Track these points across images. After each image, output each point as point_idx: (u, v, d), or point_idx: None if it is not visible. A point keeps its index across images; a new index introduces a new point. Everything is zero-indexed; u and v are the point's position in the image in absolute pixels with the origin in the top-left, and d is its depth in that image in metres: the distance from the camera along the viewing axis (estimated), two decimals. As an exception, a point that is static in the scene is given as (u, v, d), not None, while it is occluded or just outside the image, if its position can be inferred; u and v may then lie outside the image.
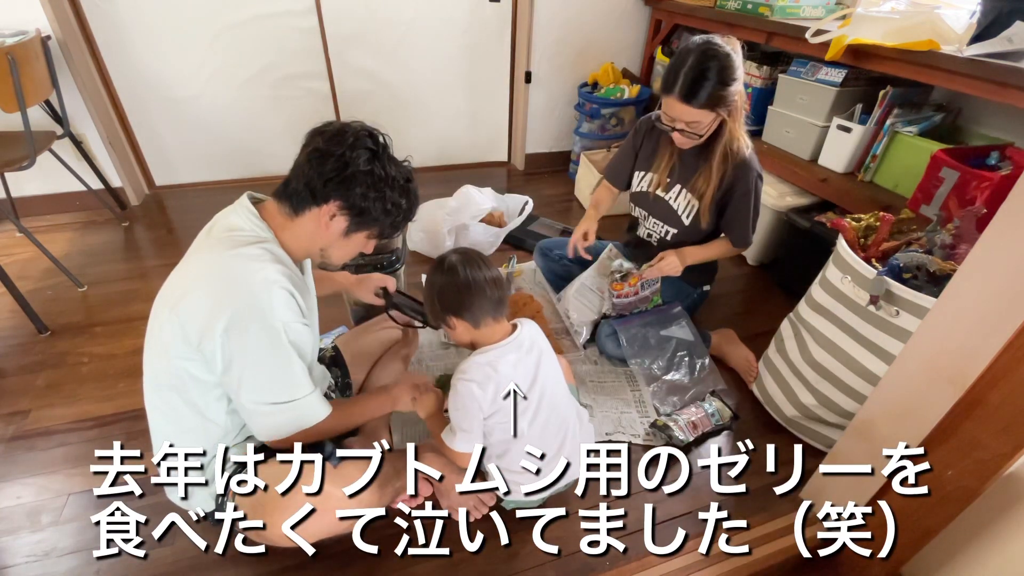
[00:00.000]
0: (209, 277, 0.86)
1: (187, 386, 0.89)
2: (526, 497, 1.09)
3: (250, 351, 0.85)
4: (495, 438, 1.02)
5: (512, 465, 1.03)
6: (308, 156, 0.89)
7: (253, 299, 0.84)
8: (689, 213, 1.46)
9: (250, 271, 0.85)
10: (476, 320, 0.97)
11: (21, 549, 1.06)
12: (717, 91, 1.22)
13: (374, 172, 0.89)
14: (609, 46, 2.65)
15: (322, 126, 0.92)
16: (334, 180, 0.87)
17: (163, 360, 0.89)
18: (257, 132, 2.49)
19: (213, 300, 0.84)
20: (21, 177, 2.07)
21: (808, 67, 1.84)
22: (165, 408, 0.94)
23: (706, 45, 1.22)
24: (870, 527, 1.04)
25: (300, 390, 0.91)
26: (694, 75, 1.21)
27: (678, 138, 1.34)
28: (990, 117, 1.65)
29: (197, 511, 0.98)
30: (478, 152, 2.92)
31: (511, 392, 0.96)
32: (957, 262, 1.01)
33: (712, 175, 1.36)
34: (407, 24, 2.41)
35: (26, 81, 1.64)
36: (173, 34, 2.18)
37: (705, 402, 1.40)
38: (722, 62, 1.20)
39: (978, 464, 0.83)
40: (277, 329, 0.86)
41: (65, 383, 1.45)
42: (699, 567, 1.07)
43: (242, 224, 0.91)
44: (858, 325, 1.13)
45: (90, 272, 1.91)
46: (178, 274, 0.92)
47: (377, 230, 0.96)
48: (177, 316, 0.85)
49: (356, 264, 1.62)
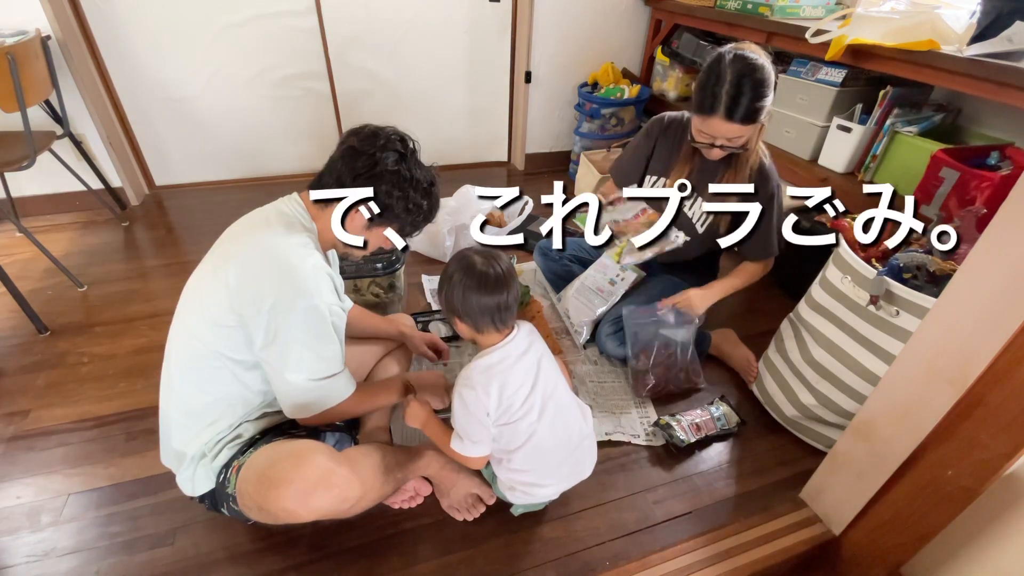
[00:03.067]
0: (263, 256, 0.92)
1: (233, 355, 0.94)
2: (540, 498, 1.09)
3: (297, 329, 0.91)
4: (505, 442, 1.02)
5: (524, 465, 1.03)
6: (342, 153, 0.97)
7: (303, 282, 0.91)
8: (704, 222, 1.44)
9: (301, 256, 0.92)
10: (477, 326, 0.98)
11: (21, 549, 1.06)
12: (758, 104, 1.21)
13: (400, 173, 0.96)
14: (609, 46, 2.65)
15: (358, 127, 0.99)
16: (362, 176, 0.94)
17: (211, 327, 0.92)
18: (257, 132, 2.49)
19: (266, 277, 0.90)
20: (21, 177, 2.07)
21: (808, 67, 1.84)
22: (201, 378, 0.95)
23: (741, 61, 1.20)
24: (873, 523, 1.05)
25: (336, 366, 0.98)
26: (736, 92, 1.19)
27: (717, 153, 1.32)
28: (990, 117, 1.65)
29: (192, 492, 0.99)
30: (478, 152, 2.92)
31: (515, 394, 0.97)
32: (957, 262, 1.01)
33: (740, 182, 1.33)
34: (407, 24, 2.41)
35: (26, 81, 1.64)
36: (173, 34, 2.18)
37: (713, 406, 1.39)
38: (760, 75, 1.19)
39: (978, 464, 0.83)
40: (323, 311, 0.93)
41: (65, 383, 1.45)
42: (699, 567, 1.07)
43: (291, 213, 0.99)
44: (858, 325, 1.13)
45: (90, 272, 1.91)
46: (227, 248, 0.96)
47: (397, 227, 1.01)
48: (227, 287, 0.90)
49: (356, 263, 1.63)
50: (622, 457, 1.29)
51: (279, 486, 0.86)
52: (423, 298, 1.85)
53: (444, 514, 1.14)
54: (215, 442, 0.97)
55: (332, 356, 0.97)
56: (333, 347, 0.96)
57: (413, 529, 1.12)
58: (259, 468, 0.89)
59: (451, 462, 1.17)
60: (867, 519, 1.05)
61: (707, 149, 1.33)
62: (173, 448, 0.98)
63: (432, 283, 1.91)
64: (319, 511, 0.89)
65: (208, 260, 0.98)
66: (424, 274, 1.95)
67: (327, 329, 0.94)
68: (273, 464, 0.89)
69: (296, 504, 0.86)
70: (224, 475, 0.96)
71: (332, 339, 0.96)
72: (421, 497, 1.16)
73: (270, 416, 1.04)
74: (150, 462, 1.22)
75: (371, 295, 1.71)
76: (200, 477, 0.97)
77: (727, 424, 1.35)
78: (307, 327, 0.92)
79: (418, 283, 1.92)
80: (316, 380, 0.95)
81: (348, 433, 1.17)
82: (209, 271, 0.95)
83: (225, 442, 0.97)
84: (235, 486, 0.92)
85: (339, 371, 0.99)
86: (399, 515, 1.14)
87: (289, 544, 1.08)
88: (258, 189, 2.55)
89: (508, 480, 1.07)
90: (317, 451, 0.90)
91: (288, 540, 1.08)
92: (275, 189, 1.01)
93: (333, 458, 0.91)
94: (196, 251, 2.08)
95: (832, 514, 1.13)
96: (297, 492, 0.86)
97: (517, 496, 1.08)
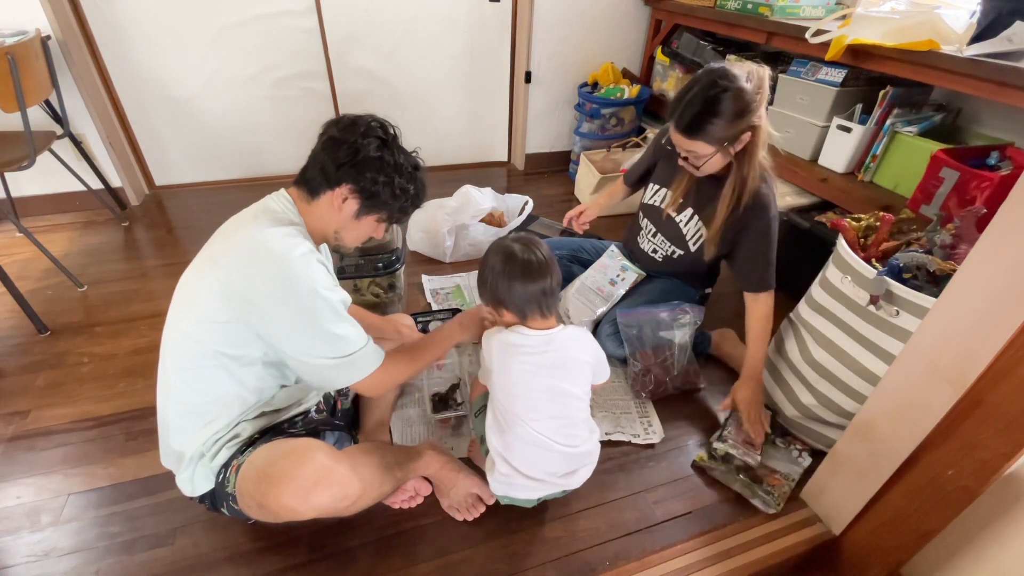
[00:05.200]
0: (252, 249, 0.91)
1: (228, 351, 0.94)
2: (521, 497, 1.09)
3: (301, 315, 0.91)
4: (507, 425, 1.03)
5: (514, 459, 1.04)
6: (323, 144, 0.97)
7: (295, 269, 0.90)
8: (696, 241, 1.44)
9: (289, 246, 0.91)
10: (524, 313, 1.02)
11: (21, 549, 1.06)
12: (716, 125, 1.15)
13: (384, 159, 0.96)
14: (609, 46, 2.65)
15: (336, 118, 0.99)
16: (346, 165, 0.94)
17: (204, 325, 0.92)
18: (257, 132, 2.49)
19: (257, 269, 0.89)
20: (21, 177, 2.07)
21: (808, 67, 1.84)
22: (195, 377, 0.95)
23: (715, 75, 1.15)
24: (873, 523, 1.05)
25: (354, 342, 0.97)
26: (690, 105, 1.16)
27: (684, 165, 1.30)
28: (990, 117, 1.65)
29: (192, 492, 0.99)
30: (478, 152, 2.92)
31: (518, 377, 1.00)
32: (957, 262, 1.01)
33: (722, 208, 1.30)
34: (407, 24, 2.41)
35: (26, 81, 1.64)
36: (173, 34, 2.18)
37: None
38: (727, 94, 1.13)
39: (978, 464, 0.83)
40: (322, 293, 0.92)
41: (65, 383, 1.45)
42: (699, 567, 1.07)
43: (278, 208, 0.99)
44: (858, 325, 1.13)
45: (90, 272, 1.91)
46: (216, 247, 0.96)
47: (386, 214, 1.02)
48: (218, 283, 0.90)
49: (356, 263, 1.62)
50: (622, 457, 1.29)
51: (279, 484, 0.86)
52: (423, 298, 1.85)
53: (444, 514, 1.14)
54: (213, 442, 0.96)
55: (345, 333, 0.95)
56: (343, 325, 0.95)
57: (413, 529, 1.12)
58: (259, 466, 0.89)
59: (451, 461, 1.17)
60: (867, 519, 1.05)
61: (682, 163, 1.30)
62: (172, 448, 0.98)
63: (432, 283, 1.91)
64: (319, 509, 0.89)
65: (198, 259, 0.97)
66: (424, 274, 1.95)
67: (331, 309, 0.93)
68: (273, 462, 0.89)
69: (296, 502, 0.86)
70: (223, 474, 0.96)
71: (339, 318, 0.95)
72: (421, 497, 1.16)
73: (268, 415, 1.04)
74: (150, 462, 1.22)
75: (371, 295, 1.71)
76: (199, 477, 0.97)
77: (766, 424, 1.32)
78: (310, 312, 0.91)
79: (418, 283, 1.92)
80: (337, 359, 0.95)
81: (348, 432, 1.17)
82: (199, 270, 0.95)
83: (223, 441, 0.97)
84: (235, 485, 0.92)
85: (361, 346, 0.98)
86: (399, 515, 1.14)
87: (289, 544, 1.08)
88: (258, 189, 2.52)
89: (493, 454, 1.07)
90: (317, 449, 0.90)
91: (288, 540, 1.08)
92: (275, 189, 1.01)
93: (333, 456, 0.91)
94: (196, 251, 2.02)
95: (832, 514, 1.13)
96: (297, 490, 0.86)
97: (495, 483, 1.08)
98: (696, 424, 1.40)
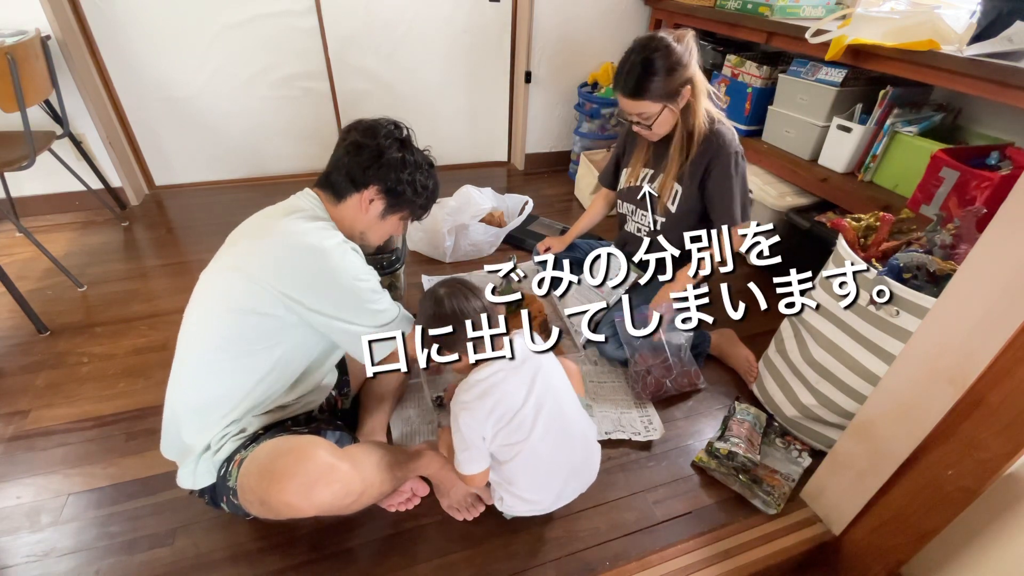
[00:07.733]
0: (288, 242, 0.95)
1: (256, 344, 0.97)
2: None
3: (345, 299, 0.97)
4: (504, 459, 1.01)
5: (516, 478, 1.02)
6: (346, 149, 1.02)
7: (332, 258, 0.95)
8: (674, 199, 1.46)
9: (323, 236, 0.97)
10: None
11: (21, 549, 1.06)
12: (656, 81, 1.27)
13: (405, 159, 1.02)
14: (609, 46, 2.64)
15: (354, 123, 1.05)
16: (372, 167, 1.00)
17: (237, 317, 0.95)
18: (257, 132, 2.48)
19: (297, 261, 0.94)
20: (21, 177, 2.07)
21: (808, 67, 1.84)
22: (218, 368, 0.97)
23: (644, 41, 1.28)
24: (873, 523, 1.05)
25: (392, 312, 1.04)
26: (631, 69, 1.28)
27: (639, 130, 1.40)
28: (990, 117, 1.65)
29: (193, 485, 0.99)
30: (478, 152, 2.92)
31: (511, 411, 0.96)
32: (957, 262, 1.01)
33: (675, 154, 1.39)
34: (407, 24, 2.41)
35: (26, 81, 1.64)
36: (173, 34, 2.18)
37: (738, 412, 1.34)
38: (658, 53, 1.26)
39: (978, 464, 0.83)
40: (362, 277, 0.98)
41: (65, 383, 1.45)
42: (699, 567, 1.07)
43: (307, 205, 1.03)
44: (858, 325, 1.13)
45: (90, 272, 1.91)
46: (246, 243, 0.99)
47: (408, 211, 1.09)
48: (250, 278, 0.93)
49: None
50: (622, 457, 1.29)
51: (281, 480, 0.86)
52: (423, 298, 1.85)
53: (444, 514, 1.14)
54: (221, 436, 0.97)
55: (384, 307, 1.02)
56: (382, 301, 1.02)
57: (413, 529, 1.12)
58: (261, 462, 0.90)
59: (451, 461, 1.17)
60: (867, 519, 1.05)
61: (636, 128, 1.40)
62: (182, 441, 0.98)
63: (432, 283, 1.91)
64: (321, 506, 0.89)
65: (225, 254, 1.00)
66: (424, 274, 1.95)
67: (370, 289, 0.99)
68: (276, 459, 0.89)
69: (298, 498, 0.86)
70: (226, 468, 0.96)
71: (376, 296, 1.01)
72: (418, 498, 1.16)
73: (272, 412, 1.04)
74: (150, 462, 1.22)
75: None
76: (202, 470, 0.97)
77: (760, 424, 1.33)
78: (353, 295, 0.97)
79: (418, 283, 1.92)
80: (378, 327, 1.01)
81: (348, 432, 1.17)
82: (228, 265, 0.97)
83: (230, 436, 0.98)
84: (236, 480, 0.92)
85: (396, 315, 1.05)
86: (399, 515, 1.14)
87: (289, 544, 1.08)
88: (258, 189, 2.55)
89: (496, 487, 1.06)
90: (319, 446, 0.90)
91: (288, 540, 1.08)
92: (275, 189, 1.02)
93: (335, 454, 0.92)
94: (196, 251, 2.08)
95: (832, 514, 1.13)
96: (299, 486, 0.86)
97: (505, 505, 1.07)
98: (696, 424, 1.40)
